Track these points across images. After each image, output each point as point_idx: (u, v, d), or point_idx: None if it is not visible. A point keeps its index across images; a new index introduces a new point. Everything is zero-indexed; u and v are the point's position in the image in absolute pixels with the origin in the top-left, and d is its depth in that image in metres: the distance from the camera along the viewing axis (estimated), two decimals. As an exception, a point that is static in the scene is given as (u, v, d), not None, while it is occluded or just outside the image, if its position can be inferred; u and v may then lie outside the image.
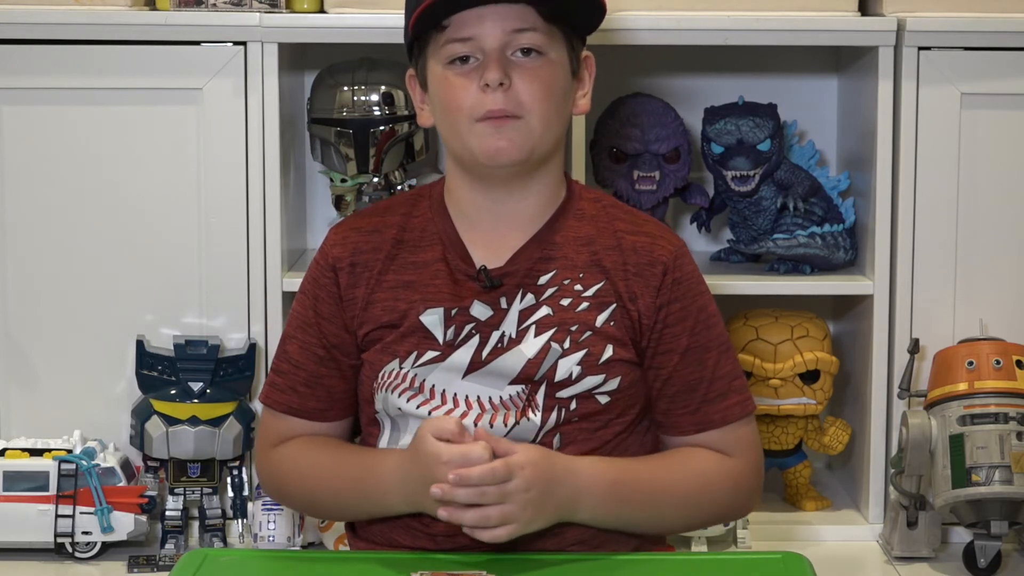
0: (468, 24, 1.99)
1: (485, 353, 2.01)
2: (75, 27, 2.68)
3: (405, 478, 1.96)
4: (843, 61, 3.01)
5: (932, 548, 2.70)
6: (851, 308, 2.93)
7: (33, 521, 2.65)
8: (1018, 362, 2.65)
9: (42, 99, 2.71)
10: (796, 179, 2.85)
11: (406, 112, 2.75)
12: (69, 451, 2.67)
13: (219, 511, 2.72)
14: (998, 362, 2.64)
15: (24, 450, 2.68)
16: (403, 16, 2.07)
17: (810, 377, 2.84)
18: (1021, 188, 2.76)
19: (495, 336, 2.02)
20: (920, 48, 2.71)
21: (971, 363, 2.65)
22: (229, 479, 2.72)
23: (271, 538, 2.67)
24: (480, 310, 2.02)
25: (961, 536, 2.73)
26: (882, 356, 2.78)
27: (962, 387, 2.64)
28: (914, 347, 2.72)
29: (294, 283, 2.69)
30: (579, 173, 2.75)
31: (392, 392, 2.04)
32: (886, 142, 2.75)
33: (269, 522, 2.66)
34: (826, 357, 2.83)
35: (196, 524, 2.73)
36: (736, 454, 2.06)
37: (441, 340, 2.02)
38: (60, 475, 2.65)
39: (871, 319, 2.78)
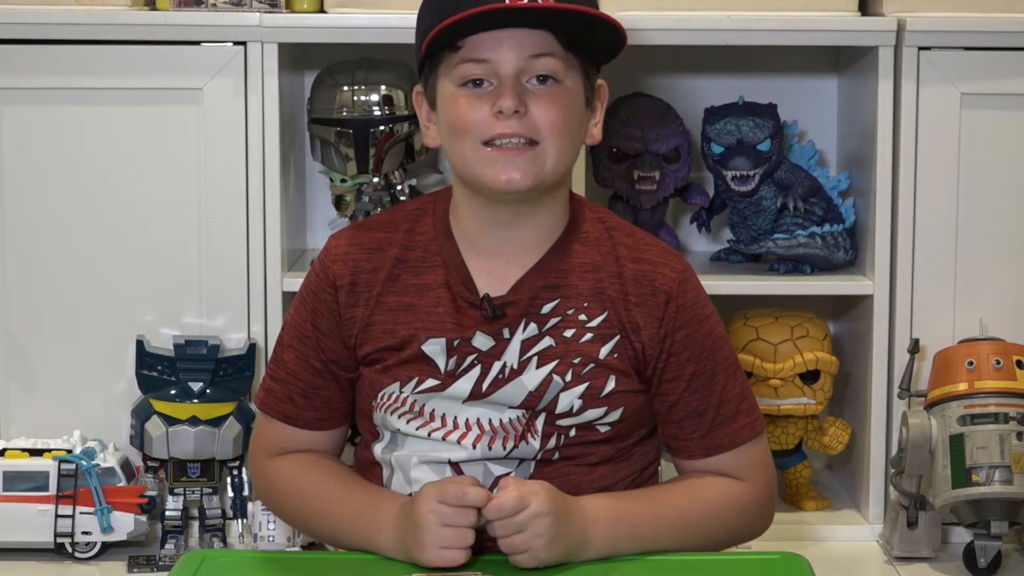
0: (484, 46, 1.93)
1: (486, 385, 1.98)
2: (75, 27, 2.68)
3: (403, 527, 1.93)
4: (843, 61, 3.01)
5: (932, 548, 2.70)
6: (851, 308, 2.93)
7: (33, 521, 2.65)
8: (1018, 362, 2.65)
9: (42, 99, 2.71)
10: (796, 179, 2.85)
11: (406, 112, 2.74)
12: (69, 451, 2.68)
13: (219, 511, 2.72)
14: (998, 362, 2.64)
15: (24, 450, 2.68)
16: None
17: (810, 377, 2.84)
18: (1021, 188, 2.76)
19: (496, 366, 1.98)
20: (920, 48, 2.71)
21: (971, 363, 2.65)
22: (229, 479, 2.72)
23: (271, 538, 2.67)
24: (482, 341, 1.99)
25: (961, 536, 2.73)
26: (882, 356, 2.78)
27: (962, 387, 2.64)
28: (914, 347, 2.72)
29: (294, 283, 2.69)
30: (579, 173, 2.75)
31: (391, 414, 2.02)
32: (886, 142, 2.75)
33: (269, 522, 2.66)
34: (826, 357, 2.83)
35: (196, 524, 2.73)
36: (746, 477, 2.03)
37: (442, 369, 1.99)
38: (60, 475, 2.65)
39: (871, 319, 2.78)
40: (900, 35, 2.72)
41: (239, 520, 2.72)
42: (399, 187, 2.81)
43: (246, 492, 2.71)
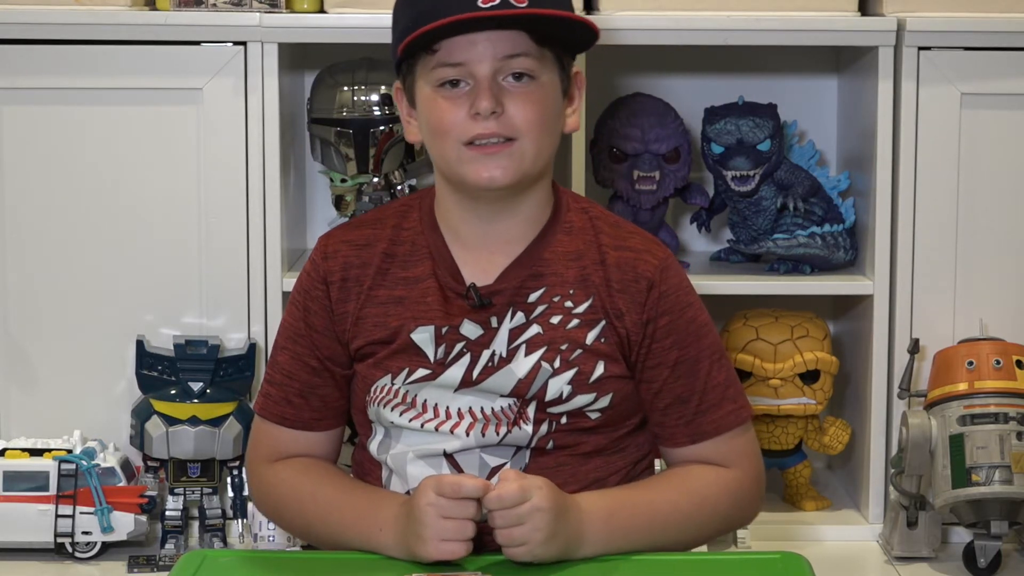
0: (459, 49, 1.96)
1: (476, 373, 2.00)
2: (75, 27, 2.68)
3: (404, 524, 1.94)
4: (843, 61, 3.01)
5: (932, 548, 2.70)
6: (851, 308, 2.94)
7: (33, 521, 2.65)
8: (1018, 362, 2.65)
9: (42, 99, 2.71)
10: (796, 179, 2.85)
11: (406, 112, 2.74)
12: (69, 451, 2.68)
13: (219, 511, 2.72)
14: (998, 362, 2.64)
15: (24, 450, 2.68)
16: (391, 30, 2.06)
17: (810, 377, 2.84)
18: (1021, 188, 2.76)
19: (486, 355, 2.01)
20: (920, 48, 2.71)
21: (971, 363, 2.65)
22: (229, 479, 2.72)
23: (271, 538, 2.67)
24: (470, 329, 2.01)
25: (961, 536, 2.73)
26: (882, 356, 2.78)
27: (962, 387, 2.64)
28: (914, 347, 2.72)
29: (294, 283, 2.69)
30: (579, 173, 2.75)
31: (384, 407, 2.03)
32: (886, 142, 2.75)
33: (269, 522, 2.65)
34: (826, 357, 2.83)
35: (196, 524, 2.73)
36: (734, 464, 2.05)
37: (432, 358, 2.01)
38: (60, 475, 2.65)
39: (871, 319, 2.78)
40: (900, 35, 2.72)
41: (239, 520, 2.72)
42: (399, 187, 2.81)
43: (246, 492, 2.71)
